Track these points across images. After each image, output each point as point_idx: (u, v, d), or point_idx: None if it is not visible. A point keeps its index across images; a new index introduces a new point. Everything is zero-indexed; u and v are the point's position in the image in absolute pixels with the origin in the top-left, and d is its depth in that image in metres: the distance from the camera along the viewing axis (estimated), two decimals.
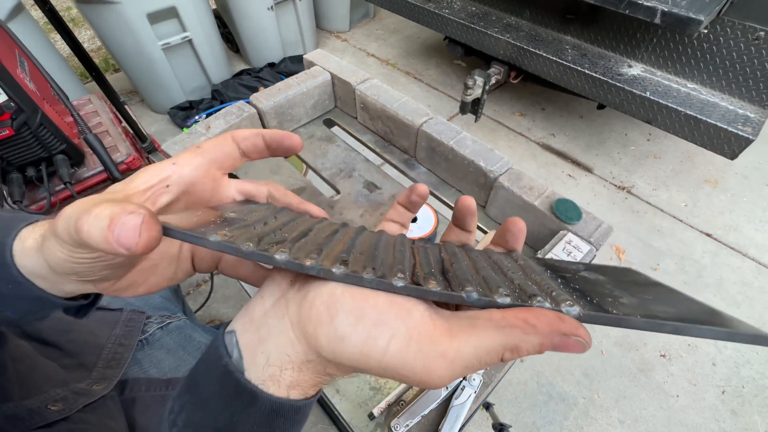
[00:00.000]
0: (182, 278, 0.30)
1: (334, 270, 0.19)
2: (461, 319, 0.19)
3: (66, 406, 0.39)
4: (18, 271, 0.23)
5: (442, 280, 0.20)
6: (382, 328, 0.18)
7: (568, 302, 0.18)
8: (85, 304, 0.28)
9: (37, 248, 0.22)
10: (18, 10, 1.48)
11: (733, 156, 1.12)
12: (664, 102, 1.17)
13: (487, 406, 0.85)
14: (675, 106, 1.15)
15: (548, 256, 0.62)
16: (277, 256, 0.18)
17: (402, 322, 0.18)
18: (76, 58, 1.18)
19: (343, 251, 0.21)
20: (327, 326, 0.19)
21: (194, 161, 0.26)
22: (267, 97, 0.88)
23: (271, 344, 0.20)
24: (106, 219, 0.17)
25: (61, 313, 0.49)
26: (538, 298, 0.18)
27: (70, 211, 0.19)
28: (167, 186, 0.24)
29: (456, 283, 0.20)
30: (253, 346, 0.20)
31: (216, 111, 1.70)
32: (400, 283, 0.19)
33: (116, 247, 0.17)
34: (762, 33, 1.03)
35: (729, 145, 1.10)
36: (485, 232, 0.77)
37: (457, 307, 0.22)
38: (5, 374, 0.39)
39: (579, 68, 1.30)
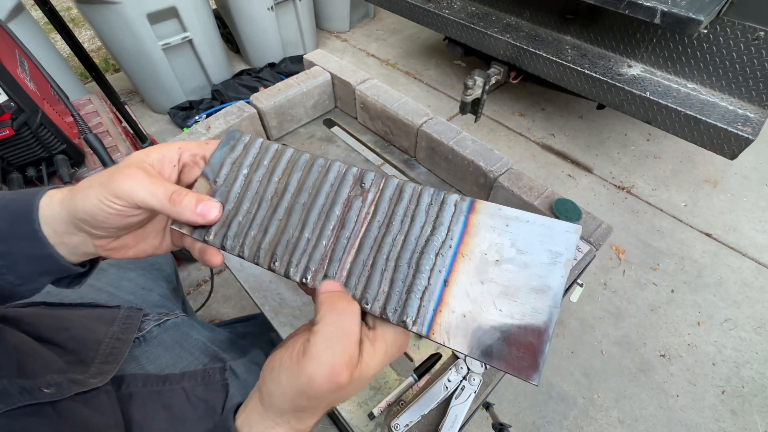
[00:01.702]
0: (165, 250, 0.37)
1: (274, 267, 0.30)
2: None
3: (58, 390, 0.39)
4: (39, 226, 0.29)
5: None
6: (278, 365, 0.27)
7: None
8: (82, 272, 0.34)
9: (62, 200, 0.29)
10: (18, 10, 1.48)
11: (733, 156, 1.12)
12: (663, 102, 1.17)
13: (487, 406, 0.85)
14: (675, 106, 1.15)
15: None
16: (246, 255, 0.31)
17: (287, 359, 0.27)
18: (76, 58, 1.17)
19: (278, 245, 0.31)
20: (263, 387, 0.28)
21: (195, 151, 0.34)
22: (267, 98, 0.88)
23: (253, 419, 0.29)
24: (194, 198, 0.30)
25: (58, 313, 0.50)
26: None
27: (138, 183, 0.28)
28: (174, 166, 0.33)
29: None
30: (242, 421, 0.29)
31: (216, 111, 1.70)
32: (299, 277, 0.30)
33: (197, 218, 0.30)
34: (762, 33, 1.03)
35: (729, 145, 1.10)
36: None
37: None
38: (6, 349, 0.39)
39: (579, 68, 1.30)
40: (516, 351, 0.24)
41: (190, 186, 0.34)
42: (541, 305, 0.25)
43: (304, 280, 0.29)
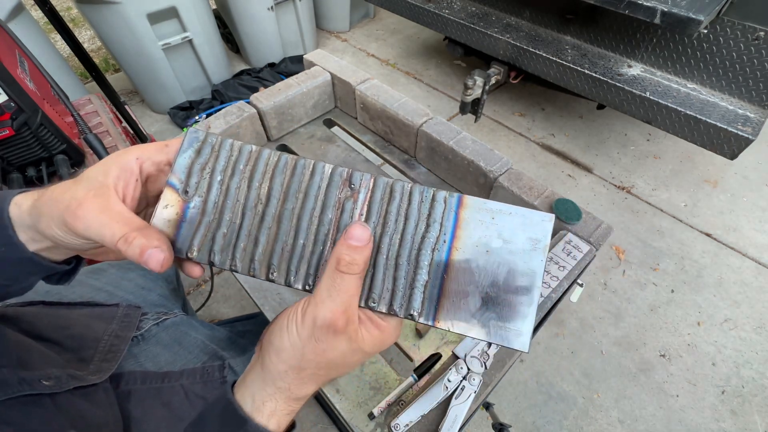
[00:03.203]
0: None
1: (272, 278, 0.30)
2: None
3: (57, 384, 0.40)
4: (14, 231, 0.28)
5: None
6: (286, 323, 0.29)
7: None
8: (68, 269, 0.34)
9: (30, 211, 0.28)
10: (18, 10, 1.48)
11: (733, 156, 1.12)
12: (663, 102, 1.17)
13: (487, 406, 0.85)
14: (675, 106, 1.15)
15: (548, 256, 0.62)
16: (239, 268, 0.30)
17: (294, 313, 0.29)
18: (77, 58, 1.17)
19: (272, 256, 0.30)
20: (269, 349, 0.29)
21: (156, 158, 0.31)
22: (267, 97, 0.88)
23: (254, 388, 0.30)
24: (138, 249, 0.27)
25: (57, 312, 0.50)
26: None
27: (90, 223, 0.27)
28: (136, 180, 0.30)
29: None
30: (242, 393, 0.30)
31: (216, 111, 1.70)
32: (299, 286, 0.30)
33: (144, 265, 0.27)
34: (762, 33, 1.03)
35: (729, 145, 1.10)
36: None
37: None
38: (7, 343, 0.40)
39: (579, 68, 1.30)
40: (508, 326, 0.28)
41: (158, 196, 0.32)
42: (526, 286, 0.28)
43: (307, 287, 0.30)
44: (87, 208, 0.26)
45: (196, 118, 1.98)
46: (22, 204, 0.29)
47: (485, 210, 0.29)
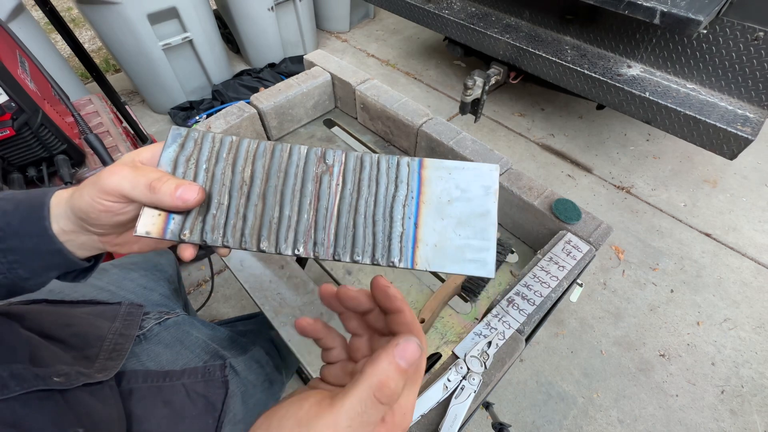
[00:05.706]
0: (168, 243, 0.36)
1: (262, 247, 0.32)
2: (344, 389, 0.22)
3: (67, 380, 0.41)
4: (49, 223, 0.31)
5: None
6: (283, 422, 0.23)
7: None
8: (87, 267, 0.36)
9: (66, 200, 0.31)
10: (19, 10, 1.48)
11: (732, 156, 1.12)
12: (663, 102, 1.17)
13: (487, 406, 0.85)
14: (674, 107, 1.16)
15: (548, 256, 0.62)
16: (231, 243, 0.32)
17: (294, 413, 0.23)
18: (77, 59, 1.18)
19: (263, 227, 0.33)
20: None
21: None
22: (267, 98, 0.88)
23: None
24: (173, 183, 0.29)
25: (60, 310, 0.50)
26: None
27: (123, 177, 0.29)
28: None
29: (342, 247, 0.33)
30: None
31: (216, 111, 1.70)
32: (288, 251, 0.32)
33: (177, 202, 0.29)
34: (761, 33, 1.03)
35: (728, 145, 1.10)
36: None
37: None
38: (20, 339, 0.41)
39: (578, 68, 1.30)
40: (476, 258, 0.32)
41: None
42: (485, 224, 0.33)
43: (296, 251, 0.32)
44: (120, 167, 0.29)
45: (197, 118, 1.98)
46: (61, 195, 0.32)
47: (443, 168, 0.34)
